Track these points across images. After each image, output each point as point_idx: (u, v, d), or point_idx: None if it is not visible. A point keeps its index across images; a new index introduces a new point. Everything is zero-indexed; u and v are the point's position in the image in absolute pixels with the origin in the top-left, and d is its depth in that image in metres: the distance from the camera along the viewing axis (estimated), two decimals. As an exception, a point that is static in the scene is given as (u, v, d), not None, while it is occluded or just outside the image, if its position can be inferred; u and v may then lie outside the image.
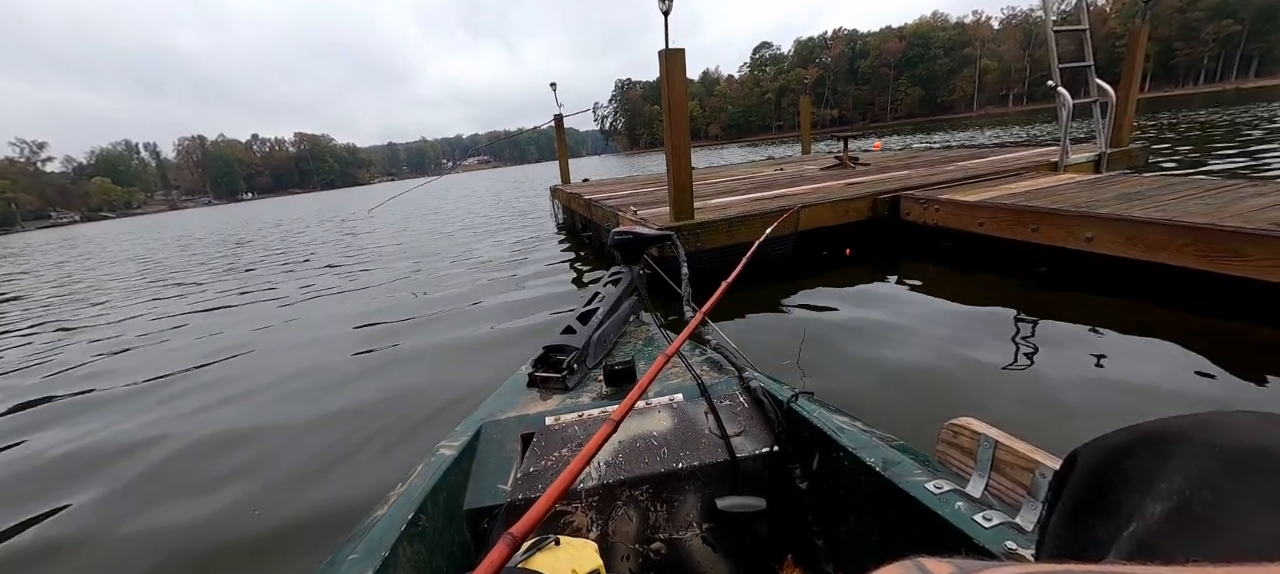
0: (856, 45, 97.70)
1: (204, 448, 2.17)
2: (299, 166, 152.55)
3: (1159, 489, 0.28)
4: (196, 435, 2.27)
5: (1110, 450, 0.33)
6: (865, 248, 3.86)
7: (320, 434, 2.15)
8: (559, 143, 8.58)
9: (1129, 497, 0.30)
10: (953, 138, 17.96)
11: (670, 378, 1.21)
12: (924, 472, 0.75)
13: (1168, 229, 2.35)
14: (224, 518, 1.69)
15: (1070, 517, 0.34)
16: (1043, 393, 1.85)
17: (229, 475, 1.93)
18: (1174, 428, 0.31)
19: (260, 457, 2.04)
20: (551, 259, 5.31)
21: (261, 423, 2.33)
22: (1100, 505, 0.32)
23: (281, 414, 2.39)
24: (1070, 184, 3.61)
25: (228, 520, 1.68)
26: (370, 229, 10.63)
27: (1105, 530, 0.30)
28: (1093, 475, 0.33)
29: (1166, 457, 0.30)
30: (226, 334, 3.94)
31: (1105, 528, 0.30)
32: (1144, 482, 0.29)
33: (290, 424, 2.28)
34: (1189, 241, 2.28)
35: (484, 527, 0.90)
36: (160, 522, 1.72)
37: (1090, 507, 0.32)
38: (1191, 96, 38.55)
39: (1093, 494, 0.33)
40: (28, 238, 39.96)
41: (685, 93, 3.24)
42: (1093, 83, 4.42)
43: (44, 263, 13.04)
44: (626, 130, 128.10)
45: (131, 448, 2.23)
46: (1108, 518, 0.30)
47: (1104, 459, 0.33)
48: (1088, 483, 0.33)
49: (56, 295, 7.11)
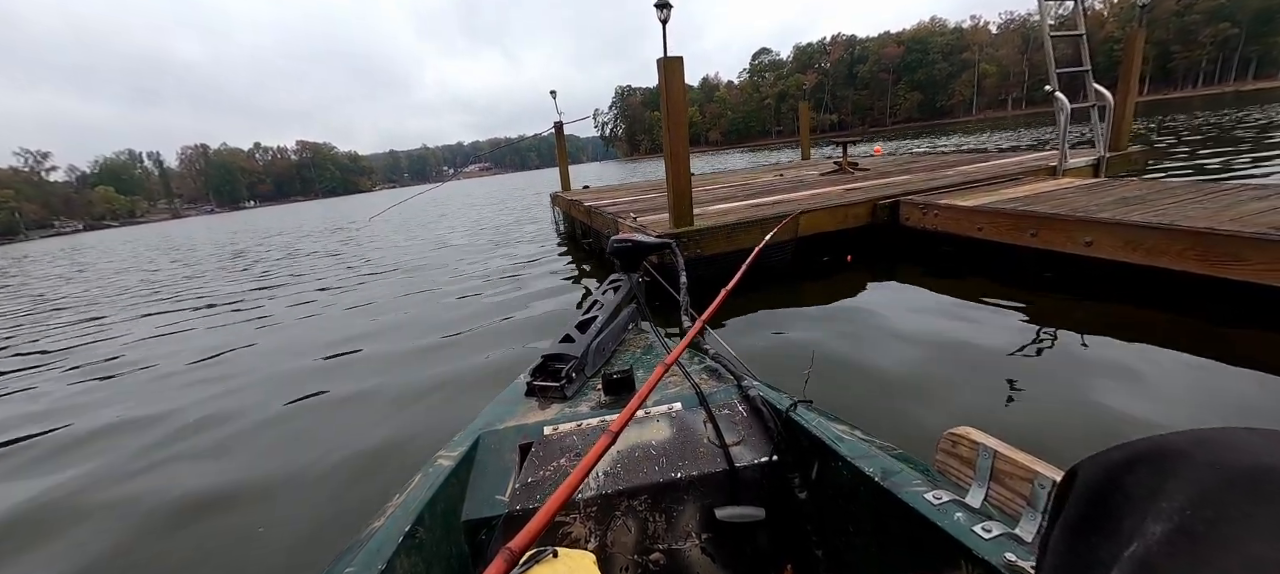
0: (855, 50, 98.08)
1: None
2: (301, 174, 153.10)
3: (1160, 508, 0.28)
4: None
5: (1110, 467, 0.33)
6: (865, 253, 3.86)
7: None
8: (559, 150, 8.61)
9: (1129, 515, 0.30)
10: (950, 142, 17.99)
11: (669, 387, 1.21)
12: (923, 481, 0.74)
13: (1167, 233, 2.35)
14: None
15: (1071, 534, 0.33)
16: (1044, 401, 1.84)
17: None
18: (1174, 445, 0.30)
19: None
20: (553, 270, 5.32)
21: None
22: (1101, 524, 0.31)
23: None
24: (1069, 188, 3.61)
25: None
26: (370, 237, 10.64)
27: (1107, 550, 0.30)
28: (1093, 492, 0.33)
29: (1167, 475, 0.29)
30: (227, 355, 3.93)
31: (1107, 547, 0.30)
32: (1144, 500, 0.29)
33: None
34: (1189, 245, 2.28)
35: (482, 538, 0.90)
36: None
37: (1091, 524, 0.32)
38: (1190, 99, 38.62)
39: (1093, 511, 0.32)
40: (28, 247, 40.02)
41: (684, 100, 3.26)
42: (1090, 87, 4.43)
43: (31, 273, 13.01)
44: (627, 136, 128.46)
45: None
46: (1109, 537, 0.30)
47: (1104, 476, 0.33)
48: (1088, 499, 0.33)
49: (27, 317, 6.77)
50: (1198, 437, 0.30)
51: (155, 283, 8.07)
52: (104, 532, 1.77)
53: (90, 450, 2.38)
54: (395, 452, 2.02)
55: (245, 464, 2.08)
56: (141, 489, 1.99)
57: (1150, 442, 0.32)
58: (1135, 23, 4.95)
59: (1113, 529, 0.30)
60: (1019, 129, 21.52)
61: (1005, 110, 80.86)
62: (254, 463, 2.08)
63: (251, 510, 1.77)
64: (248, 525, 1.69)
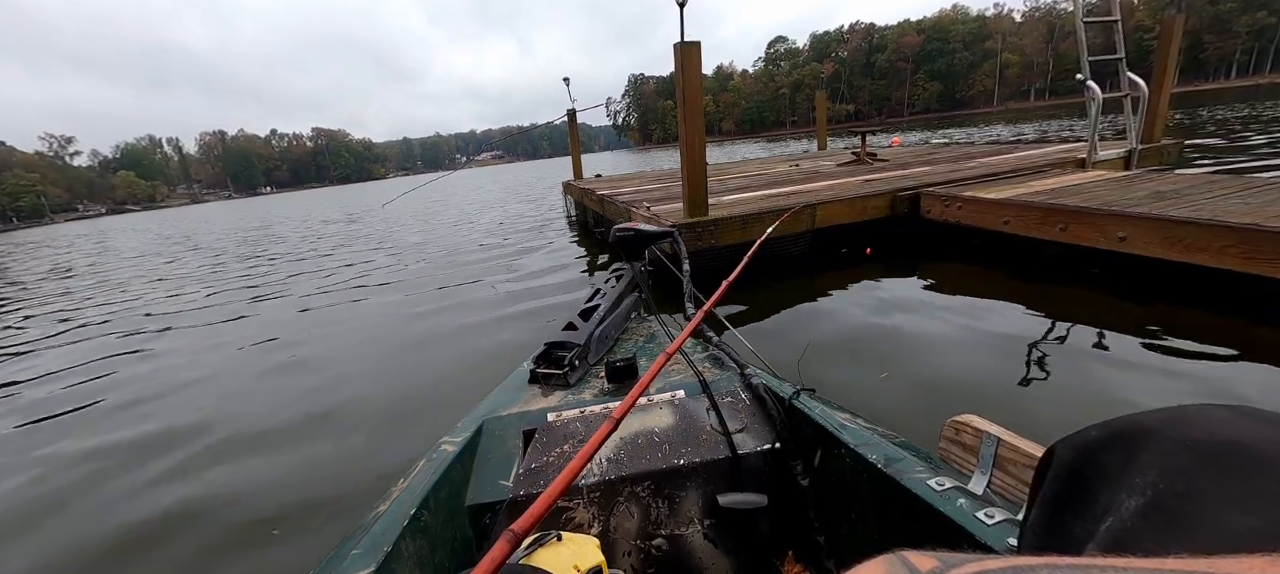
0: (873, 39, 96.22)
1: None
2: (316, 161, 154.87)
3: (1133, 484, 0.29)
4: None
5: (1085, 445, 0.34)
6: (885, 246, 3.77)
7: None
8: (572, 138, 8.55)
9: (1104, 491, 0.30)
10: (975, 133, 17.59)
11: (672, 374, 1.22)
12: (926, 469, 0.74)
13: (1207, 229, 2.24)
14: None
15: (1049, 511, 0.34)
16: (1069, 402, 1.77)
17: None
18: (1146, 422, 0.31)
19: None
20: (565, 263, 5.29)
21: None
22: (1077, 500, 0.32)
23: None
24: (1099, 181, 3.48)
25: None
26: (388, 229, 10.70)
27: (1082, 525, 0.30)
28: (1069, 470, 0.34)
29: (1139, 451, 0.30)
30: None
31: (1082, 523, 0.31)
32: (1118, 476, 0.30)
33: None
34: (1231, 242, 2.18)
35: (486, 522, 0.91)
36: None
37: (1067, 501, 0.33)
38: (1223, 91, 37.34)
39: (1069, 489, 0.33)
40: (56, 230, 41.03)
41: (700, 87, 3.18)
42: (1124, 76, 4.26)
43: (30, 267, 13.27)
44: (639, 126, 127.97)
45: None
46: (1084, 512, 0.31)
47: (1079, 454, 0.34)
48: (1064, 478, 0.34)
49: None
50: (1168, 414, 0.31)
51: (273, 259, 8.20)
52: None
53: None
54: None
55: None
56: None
57: (1123, 420, 0.33)
58: (1173, 9, 4.74)
59: (1088, 505, 0.31)
60: (1044, 120, 20.96)
61: (1028, 102, 78.98)
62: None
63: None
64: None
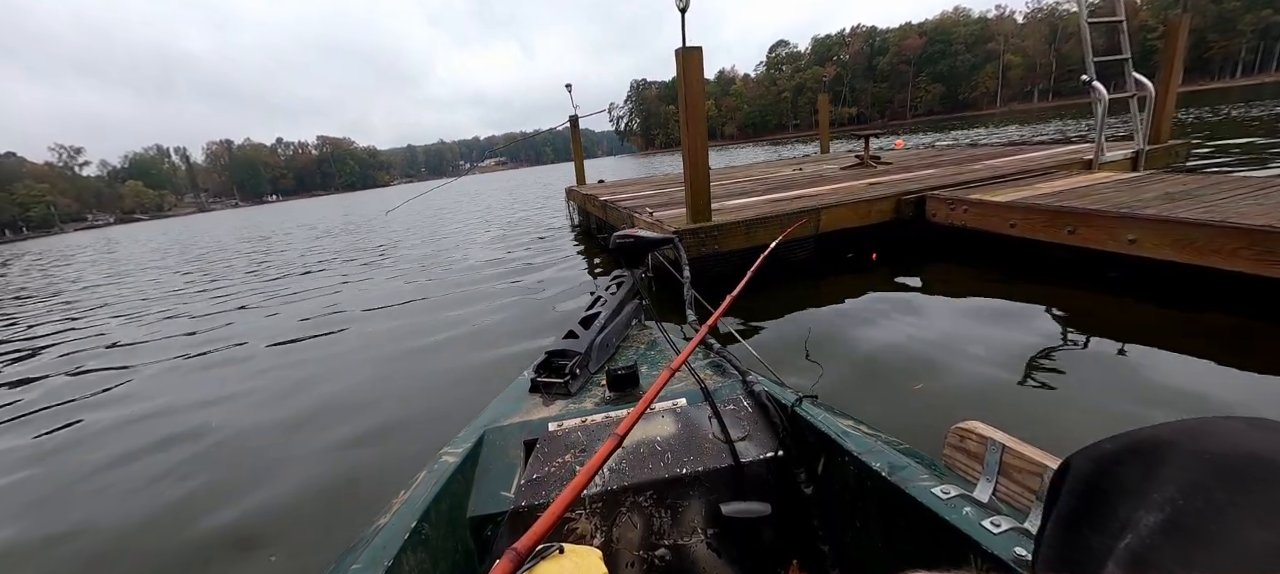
0: (875, 42, 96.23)
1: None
2: (321, 169, 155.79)
3: (1151, 499, 0.28)
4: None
5: (1101, 459, 0.33)
6: (891, 250, 3.73)
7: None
8: (574, 144, 8.57)
9: (1122, 507, 0.30)
10: (976, 135, 17.52)
11: (674, 382, 1.21)
12: (930, 476, 0.73)
13: (1219, 231, 2.21)
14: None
15: (1065, 526, 0.34)
16: (1080, 410, 1.74)
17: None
18: (1164, 436, 0.31)
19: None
20: (572, 281, 5.28)
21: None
22: (1094, 515, 0.32)
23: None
24: (1107, 183, 3.45)
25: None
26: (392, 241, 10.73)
27: (1100, 541, 0.30)
28: (1086, 484, 0.33)
29: (1157, 465, 0.30)
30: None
31: (1100, 539, 0.30)
32: (1136, 491, 0.30)
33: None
34: (1243, 244, 2.14)
35: (487, 534, 0.90)
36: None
37: (1084, 516, 0.32)
38: (1228, 90, 37.04)
39: (1086, 503, 0.33)
40: (68, 240, 41.43)
41: (702, 91, 3.17)
42: (1130, 77, 4.23)
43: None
44: (642, 131, 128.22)
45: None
46: (1102, 528, 0.30)
47: (1097, 467, 0.33)
48: (1081, 492, 0.33)
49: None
50: (1186, 427, 0.31)
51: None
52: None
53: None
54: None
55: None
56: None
57: (1140, 433, 0.32)
58: (1179, 8, 4.70)
59: (1106, 520, 0.30)
60: (1049, 121, 20.86)
61: (1031, 103, 78.69)
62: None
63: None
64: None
